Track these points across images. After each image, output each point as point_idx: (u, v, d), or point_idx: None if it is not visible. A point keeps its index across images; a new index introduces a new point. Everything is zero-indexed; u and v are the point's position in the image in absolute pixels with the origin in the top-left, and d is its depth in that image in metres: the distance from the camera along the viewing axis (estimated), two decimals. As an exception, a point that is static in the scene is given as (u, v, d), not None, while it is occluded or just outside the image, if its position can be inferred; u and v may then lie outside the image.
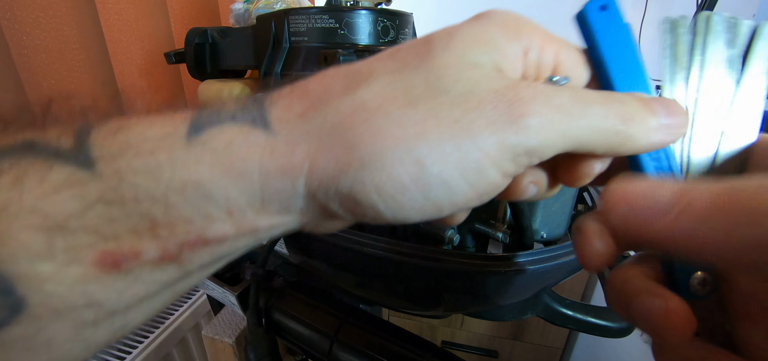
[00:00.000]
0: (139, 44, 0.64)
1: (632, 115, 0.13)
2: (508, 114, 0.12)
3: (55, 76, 0.57)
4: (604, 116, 0.13)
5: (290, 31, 0.41)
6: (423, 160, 0.12)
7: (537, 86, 0.13)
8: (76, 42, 0.58)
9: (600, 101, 0.13)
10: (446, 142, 0.12)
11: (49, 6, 0.54)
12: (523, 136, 0.12)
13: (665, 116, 0.14)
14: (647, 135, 0.13)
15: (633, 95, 0.14)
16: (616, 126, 0.13)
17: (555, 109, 0.12)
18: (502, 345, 1.23)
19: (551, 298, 0.37)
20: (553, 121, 0.12)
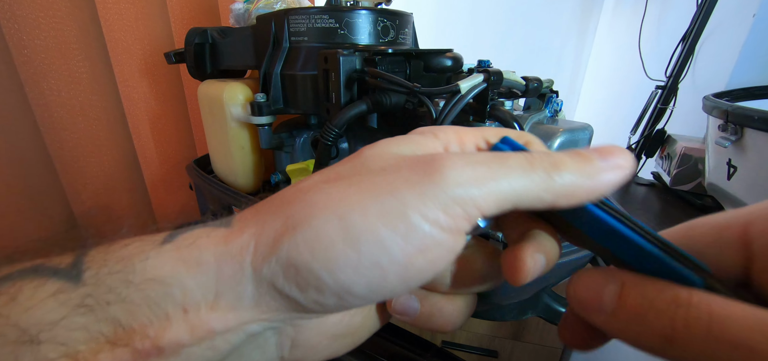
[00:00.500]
0: (139, 44, 0.64)
1: (562, 160, 0.14)
2: (425, 170, 0.13)
3: (55, 76, 0.57)
4: (527, 163, 0.14)
5: (290, 31, 0.41)
6: (346, 215, 0.13)
7: (455, 152, 0.15)
8: (76, 42, 0.58)
9: (519, 153, 0.14)
10: (366, 199, 0.13)
11: (49, 6, 0.54)
12: (442, 185, 0.13)
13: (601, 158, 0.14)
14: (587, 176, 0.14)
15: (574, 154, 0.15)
16: (547, 171, 0.14)
17: (475, 162, 0.13)
18: (502, 345, 1.23)
19: (551, 298, 0.37)
20: (475, 171, 0.13)
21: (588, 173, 0.14)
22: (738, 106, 0.45)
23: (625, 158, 0.14)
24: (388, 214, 0.13)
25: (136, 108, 0.67)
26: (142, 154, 0.70)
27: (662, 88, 0.75)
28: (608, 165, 0.14)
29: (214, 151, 0.53)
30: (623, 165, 0.14)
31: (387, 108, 0.34)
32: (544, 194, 0.14)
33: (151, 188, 0.73)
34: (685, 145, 0.65)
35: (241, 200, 0.46)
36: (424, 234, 0.13)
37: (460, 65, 0.39)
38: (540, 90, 0.37)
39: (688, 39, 0.70)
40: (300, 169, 0.44)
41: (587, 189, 0.14)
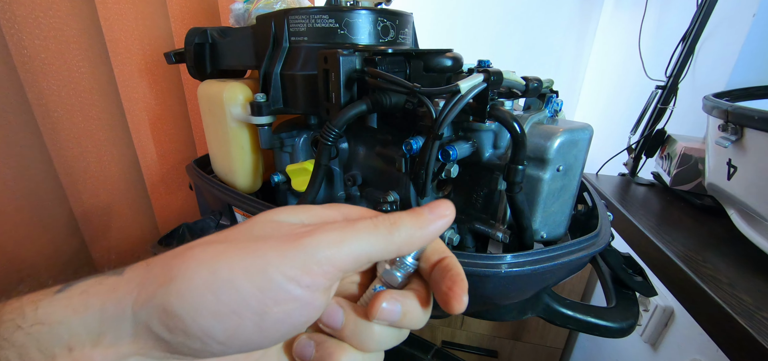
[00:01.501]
0: (139, 44, 0.64)
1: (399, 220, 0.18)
2: (290, 239, 0.16)
3: (55, 76, 0.57)
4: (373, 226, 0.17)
5: (290, 31, 0.41)
6: (215, 268, 0.15)
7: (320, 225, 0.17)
8: (76, 42, 0.58)
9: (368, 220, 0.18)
10: (236, 255, 0.16)
11: (49, 6, 0.54)
12: (302, 248, 0.16)
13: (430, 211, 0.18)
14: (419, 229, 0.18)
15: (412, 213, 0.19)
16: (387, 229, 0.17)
17: (330, 229, 0.17)
18: (502, 345, 1.23)
19: (551, 298, 0.37)
20: (330, 237, 0.16)
21: (420, 224, 0.18)
22: (738, 106, 0.45)
23: (448, 209, 0.19)
24: (250, 269, 0.15)
25: (136, 108, 0.67)
26: (142, 154, 0.70)
27: (662, 88, 0.75)
28: (435, 216, 0.18)
29: (214, 151, 0.53)
30: (447, 214, 0.19)
31: (387, 108, 0.34)
32: (390, 246, 0.17)
33: (151, 188, 0.73)
34: (685, 145, 0.65)
35: (241, 200, 0.46)
36: (279, 287, 0.15)
37: (460, 65, 0.39)
38: (540, 90, 0.37)
39: (688, 39, 0.70)
40: (300, 169, 0.44)
41: (421, 237, 0.18)
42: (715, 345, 0.40)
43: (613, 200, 0.65)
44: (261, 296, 0.15)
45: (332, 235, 0.16)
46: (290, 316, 0.16)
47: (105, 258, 0.70)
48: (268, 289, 0.15)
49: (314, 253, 0.16)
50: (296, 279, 0.16)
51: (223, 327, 0.15)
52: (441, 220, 0.18)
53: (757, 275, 0.43)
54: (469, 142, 0.35)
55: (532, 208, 0.35)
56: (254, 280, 0.15)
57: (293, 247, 0.16)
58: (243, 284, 0.15)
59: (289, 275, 0.15)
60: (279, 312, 0.16)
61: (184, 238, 0.54)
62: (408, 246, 0.18)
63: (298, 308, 0.16)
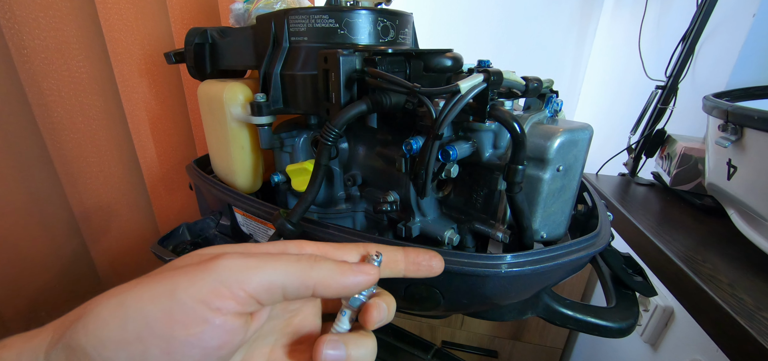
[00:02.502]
0: (139, 44, 0.64)
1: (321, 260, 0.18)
2: (204, 262, 0.16)
3: (55, 76, 0.57)
4: (295, 257, 0.17)
5: (290, 31, 0.41)
6: (124, 300, 0.15)
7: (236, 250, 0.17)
8: (76, 42, 0.58)
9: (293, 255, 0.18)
10: (146, 284, 0.15)
11: (49, 6, 0.54)
12: (212, 271, 0.15)
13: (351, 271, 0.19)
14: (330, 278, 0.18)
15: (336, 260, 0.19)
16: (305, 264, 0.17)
17: (249, 255, 0.16)
18: (502, 345, 1.23)
19: (551, 298, 0.37)
20: (245, 262, 0.16)
21: (340, 272, 0.18)
22: (738, 106, 0.45)
23: (371, 270, 0.19)
24: (158, 295, 0.15)
25: (136, 108, 0.67)
26: (142, 154, 0.70)
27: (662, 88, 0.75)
28: (356, 271, 0.19)
29: (214, 152, 0.53)
30: (370, 273, 0.19)
31: (387, 108, 0.34)
32: (305, 282, 0.17)
33: (151, 188, 0.73)
34: (685, 145, 0.65)
35: (241, 200, 0.46)
36: (188, 309, 0.15)
37: (460, 65, 0.39)
38: (540, 90, 0.37)
39: (688, 39, 0.70)
40: (300, 169, 0.44)
41: (337, 285, 0.18)
42: (715, 345, 0.40)
43: (613, 200, 0.65)
44: (167, 320, 0.15)
45: (246, 260, 0.16)
46: (200, 339, 0.16)
47: (105, 258, 0.70)
48: (176, 312, 0.15)
49: (224, 276, 0.16)
50: (205, 301, 0.15)
51: (127, 356, 0.15)
52: (360, 276, 0.19)
53: (757, 275, 0.43)
54: (469, 142, 0.35)
55: (532, 208, 0.35)
56: (161, 304, 0.15)
57: (203, 270, 0.16)
58: (149, 310, 0.15)
59: (198, 297, 0.15)
60: (187, 335, 0.15)
61: (184, 238, 0.54)
62: (323, 288, 0.18)
63: (207, 330, 0.16)
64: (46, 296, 0.63)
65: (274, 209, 0.41)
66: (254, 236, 0.49)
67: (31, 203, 0.58)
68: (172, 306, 0.15)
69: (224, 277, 0.16)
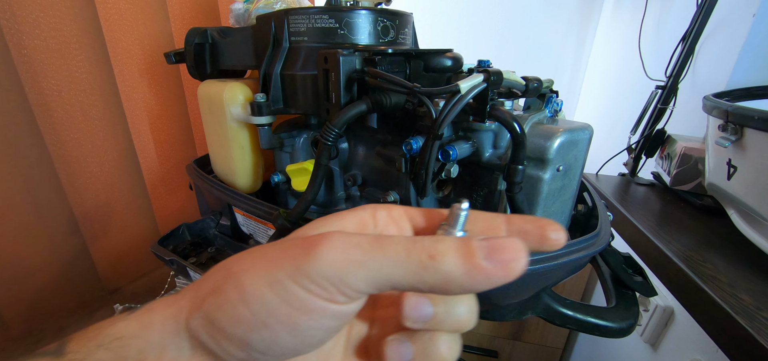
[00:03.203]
0: (139, 44, 0.64)
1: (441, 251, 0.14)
2: (305, 248, 0.15)
3: (55, 76, 0.57)
4: (404, 251, 0.14)
5: (290, 31, 0.41)
6: (243, 282, 0.16)
7: (341, 232, 0.16)
8: (76, 42, 0.58)
9: (402, 239, 0.15)
10: (260, 267, 0.16)
11: (49, 6, 0.54)
12: (315, 262, 0.15)
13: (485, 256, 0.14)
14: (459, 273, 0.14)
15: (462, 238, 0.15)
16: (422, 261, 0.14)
17: (343, 243, 0.15)
18: (502, 345, 1.23)
19: (551, 298, 0.37)
20: (347, 253, 0.15)
21: (466, 271, 0.14)
22: (738, 106, 0.45)
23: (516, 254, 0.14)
24: (272, 281, 0.15)
25: (136, 108, 0.67)
26: (142, 154, 0.70)
27: (662, 88, 0.75)
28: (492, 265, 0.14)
29: (214, 151, 0.53)
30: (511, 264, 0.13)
31: (387, 108, 0.34)
32: (419, 284, 0.14)
33: (151, 188, 0.73)
34: (685, 145, 0.65)
35: (241, 200, 0.46)
36: (303, 299, 0.15)
37: (460, 65, 0.39)
38: (540, 90, 0.37)
39: (688, 39, 0.70)
40: (300, 169, 0.44)
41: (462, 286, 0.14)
42: (715, 345, 0.40)
43: (613, 200, 0.65)
44: (287, 308, 0.15)
45: (351, 253, 0.15)
46: (323, 323, 0.16)
47: (105, 258, 0.70)
48: (292, 300, 0.15)
49: (323, 270, 0.15)
50: (313, 292, 0.15)
51: (259, 338, 0.16)
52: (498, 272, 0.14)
53: (757, 275, 0.43)
54: (469, 142, 0.35)
55: (532, 208, 0.35)
56: (278, 293, 0.15)
57: (305, 259, 0.15)
58: (269, 297, 0.15)
59: (306, 287, 0.15)
60: (310, 321, 0.15)
61: (184, 238, 0.54)
62: (442, 290, 0.14)
63: (327, 316, 0.16)
64: (46, 296, 0.63)
65: (274, 209, 0.41)
66: (254, 236, 0.49)
67: (31, 203, 0.58)
68: (288, 296, 0.15)
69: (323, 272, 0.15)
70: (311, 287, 0.15)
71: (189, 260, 0.50)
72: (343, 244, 0.15)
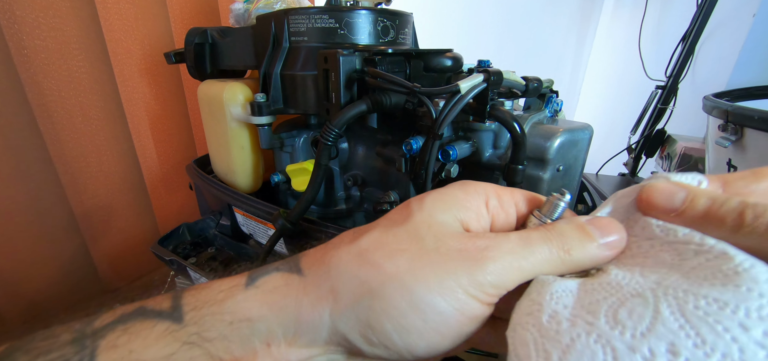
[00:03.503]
0: (139, 44, 0.64)
1: (572, 244, 0.17)
2: (474, 259, 0.16)
3: (55, 76, 0.57)
4: (548, 251, 0.17)
5: (290, 31, 0.41)
6: (413, 288, 0.16)
7: (489, 235, 0.17)
8: (76, 42, 0.58)
9: (542, 238, 0.17)
10: (429, 274, 0.16)
11: (49, 6, 0.54)
12: (486, 275, 0.16)
13: (601, 237, 0.17)
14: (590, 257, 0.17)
15: (573, 223, 0.18)
16: (561, 256, 0.17)
17: (506, 252, 0.16)
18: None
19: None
20: (506, 262, 0.16)
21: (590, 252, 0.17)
22: (738, 106, 0.45)
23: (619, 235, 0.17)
24: (447, 291, 0.15)
25: (136, 108, 0.67)
26: (142, 154, 0.70)
27: (662, 88, 0.75)
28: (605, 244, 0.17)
29: (214, 152, 0.53)
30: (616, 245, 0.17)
31: (387, 108, 0.34)
32: (559, 270, 0.17)
33: (151, 188, 0.73)
34: (685, 145, 0.65)
35: (241, 200, 0.46)
36: (473, 307, 0.16)
37: (460, 65, 0.39)
38: (540, 90, 0.37)
39: (688, 39, 0.70)
40: (300, 169, 0.44)
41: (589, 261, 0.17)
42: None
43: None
44: (459, 316, 0.16)
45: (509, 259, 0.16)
46: (475, 327, 0.17)
47: (105, 258, 0.70)
48: (464, 308, 0.16)
49: (493, 279, 0.16)
50: (480, 299, 0.16)
51: (426, 344, 0.16)
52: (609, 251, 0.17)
53: (757, 275, 0.43)
54: (469, 142, 0.35)
55: (532, 208, 0.35)
56: (452, 302, 0.16)
57: (478, 269, 0.16)
58: (444, 307, 0.15)
59: (477, 295, 0.16)
60: (471, 327, 0.16)
61: (184, 238, 0.54)
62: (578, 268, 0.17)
63: (481, 320, 0.17)
64: (46, 296, 0.63)
65: (274, 209, 0.41)
66: (254, 235, 0.49)
67: (31, 203, 0.58)
68: (462, 305, 0.16)
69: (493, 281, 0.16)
70: (481, 296, 0.16)
71: (189, 260, 0.50)
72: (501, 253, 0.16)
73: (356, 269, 0.17)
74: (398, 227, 0.18)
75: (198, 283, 0.18)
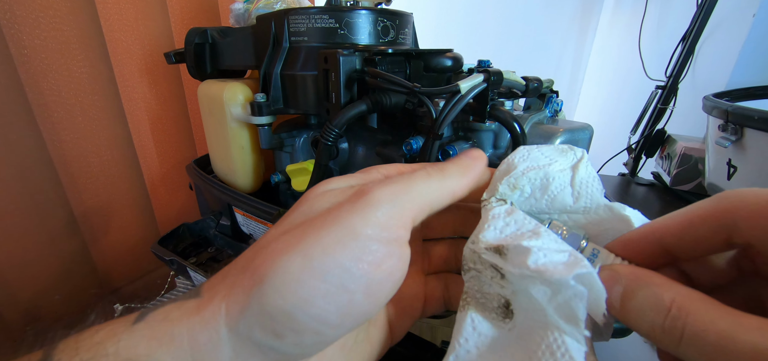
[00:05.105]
0: (139, 44, 0.64)
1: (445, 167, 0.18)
2: (359, 198, 0.16)
3: (55, 76, 0.57)
4: (426, 174, 0.17)
5: (290, 31, 0.41)
6: (307, 252, 0.14)
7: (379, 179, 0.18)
8: (76, 42, 0.58)
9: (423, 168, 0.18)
10: (321, 233, 0.15)
11: (49, 6, 0.54)
12: (375, 204, 0.15)
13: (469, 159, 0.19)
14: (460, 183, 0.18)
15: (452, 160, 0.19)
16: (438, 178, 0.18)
17: (393, 182, 0.16)
18: (502, 345, 1.23)
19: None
20: (395, 188, 0.16)
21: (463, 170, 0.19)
22: (738, 106, 0.45)
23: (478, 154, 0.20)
24: (341, 240, 0.14)
25: (136, 108, 0.67)
26: (142, 154, 0.70)
27: (662, 88, 0.75)
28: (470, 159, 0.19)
29: (214, 152, 0.53)
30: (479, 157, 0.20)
31: (387, 108, 0.34)
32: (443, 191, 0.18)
33: (151, 188, 0.73)
34: (685, 145, 0.65)
35: (241, 199, 0.46)
36: (375, 248, 0.15)
37: (460, 65, 0.39)
38: (540, 90, 0.37)
39: (688, 39, 0.70)
40: (300, 169, 0.44)
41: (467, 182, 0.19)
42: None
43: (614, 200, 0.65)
44: (361, 263, 0.14)
45: (395, 186, 0.16)
46: (392, 275, 0.15)
47: (105, 258, 0.70)
48: (365, 252, 0.15)
49: (385, 206, 0.15)
50: (382, 236, 0.15)
51: (335, 308, 0.14)
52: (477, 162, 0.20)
53: (757, 275, 0.43)
54: (469, 142, 0.35)
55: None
56: (350, 248, 0.14)
57: (366, 205, 0.15)
58: (342, 256, 0.14)
59: (375, 234, 0.15)
60: (381, 274, 0.15)
61: (184, 238, 0.54)
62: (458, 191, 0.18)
63: (395, 264, 0.15)
64: (46, 296, 0.63)
65: (274, 208, 0.41)
66: (254, 235, 0.49)
67: (31, 203, 0.58)
68: (361, 249, 0.14)
69: (386, 208, 0.15)
70: (378, 232, 0.15)
71: (189, 260, 0.50)
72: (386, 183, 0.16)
73: (248, 264, 0.15)
74: (292, 213, 0.17)
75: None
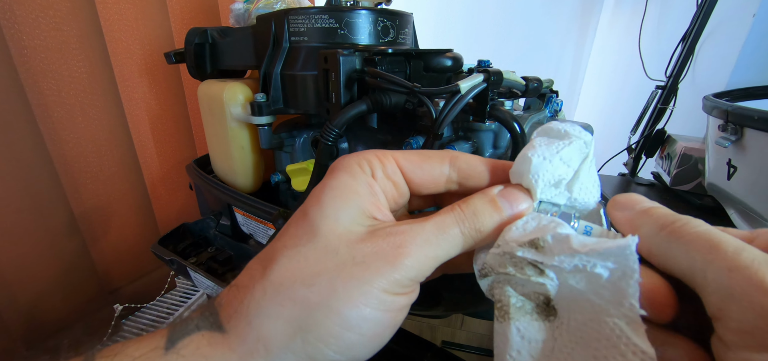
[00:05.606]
0: (139, 44, 0.64)
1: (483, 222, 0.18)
2: (388, 261, 0.16)
3: (55, 76, 0.57)
4: (460, 235, 0.17)
5: (290, 31, 0.41)
6: (340, 309, 0.16)
7: (404, 228, 0.17)
8: (76, 42, 0.58)
9: (456, 221, 0.18)
10: (352, 292, 0.16)
11: (49, 6, 0.54)
12: (404, 272, 0.16)
13: (510, 209, 0.18)
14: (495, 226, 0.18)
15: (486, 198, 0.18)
16: (473, 236, 0.17)
17: (422, 243, 0.17)
18: (502, 345, 1.23)
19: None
20: (421, 254, 0.17)
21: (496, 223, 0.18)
22: (738, 106, 0.45)
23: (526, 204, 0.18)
24: (372, 299, 0.16)
25: (136, 108, 0.67)
26: (142, 154, 0.70)
27: (662, 88, 0.75)
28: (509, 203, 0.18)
29: (214, 151, 0.53)
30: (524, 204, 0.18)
31: (387, 108, 0.34)
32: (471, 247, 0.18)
33: (151, 188, 0.73)
34: (685, 145, 0.65)
35: (241, 200, 0.46)
36: (398, 301, 0.17)
37: (460, 65, 0.39)
38: (540, 90, 0.37)
39: (688, 39, 0.70)
40: (300, 169, 0.44)
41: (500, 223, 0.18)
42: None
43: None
44: (387, 314, 0.16)
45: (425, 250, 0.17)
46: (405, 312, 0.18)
47: (105, 258, 0.70)
48: (390, 305, 0.16)
49: (410, 274, 0.16)
50: (403, 293, 0.17)
51: (369, 350, 0.17)
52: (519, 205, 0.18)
53: (757, 275, 0.43)
54: (469, 142, 0.35)
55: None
56: (379, 307, 0.16)
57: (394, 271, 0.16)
58: (374, 315, 0.16)
59: (398, 292, 0.17)
60: (401, 316, 0.17)
61: (184, 238, 0.54)
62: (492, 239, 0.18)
63: (408, 305, 0.18)
64: (46, 296, 0.63)
65: (274, 208, 0.41)
66: (254, 235, 0.49)
67: (31, 203, 0.58)
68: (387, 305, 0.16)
69: (411, 276, 0.17)
70: (404, 290, 0.17)
71: (189, 260, 0.50)
72: (417, 246, 0.17)
73: (278, 310, 0.16)
74: (306, 246, 0.17)
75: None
